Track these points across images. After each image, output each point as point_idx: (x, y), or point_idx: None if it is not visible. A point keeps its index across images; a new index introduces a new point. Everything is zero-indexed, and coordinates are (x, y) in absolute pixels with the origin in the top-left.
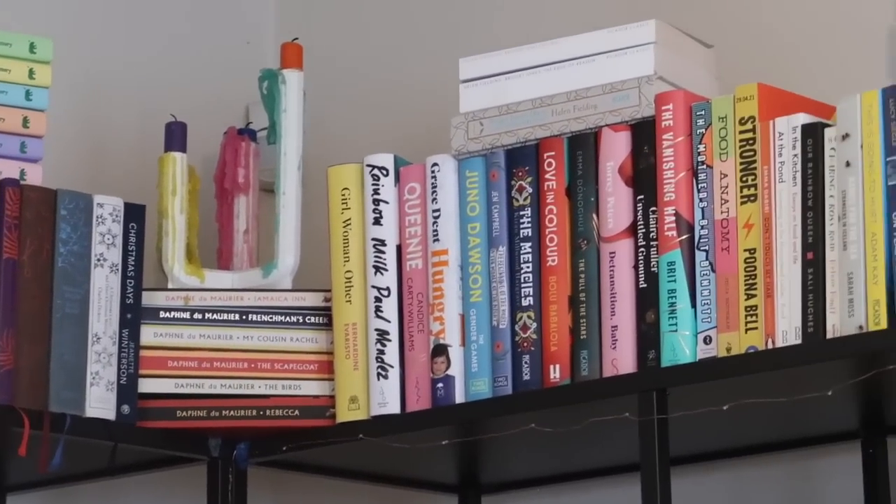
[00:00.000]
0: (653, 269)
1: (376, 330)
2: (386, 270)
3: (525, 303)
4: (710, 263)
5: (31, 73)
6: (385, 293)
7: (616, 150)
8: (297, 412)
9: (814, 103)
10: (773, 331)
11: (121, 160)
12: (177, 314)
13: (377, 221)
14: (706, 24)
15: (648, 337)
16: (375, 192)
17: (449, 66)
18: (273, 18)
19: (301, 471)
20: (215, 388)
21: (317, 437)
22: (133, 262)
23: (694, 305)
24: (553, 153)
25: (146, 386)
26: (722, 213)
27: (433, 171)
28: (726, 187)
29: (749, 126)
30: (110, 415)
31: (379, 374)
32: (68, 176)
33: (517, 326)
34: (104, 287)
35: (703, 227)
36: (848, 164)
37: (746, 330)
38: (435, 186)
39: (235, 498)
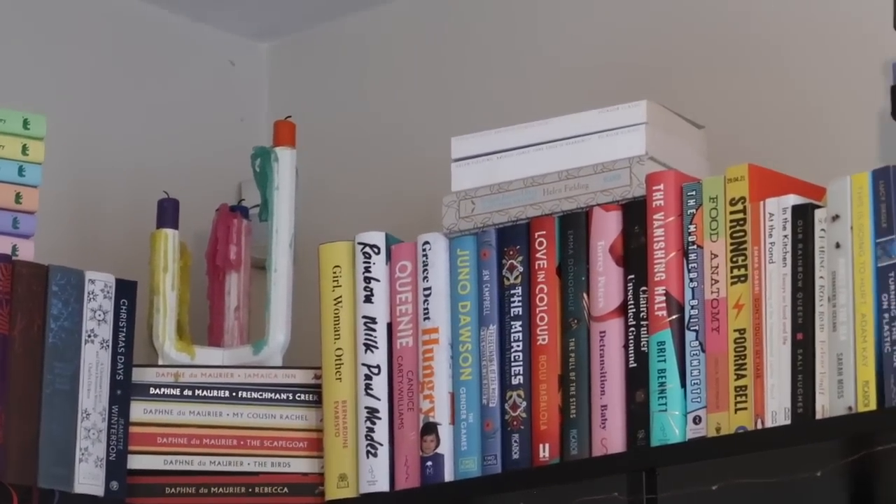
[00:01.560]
0: (643, 349)
1: (366, 408)
2: (376, 348)
3: (515, 381)
4: (700, 343)
5: (24, 149)
6: (375, 371)
7: (607, 230)
8: (286, 489)
9: (804, 184)
10: (763, 411)
11: (113, 236)
12: (167, 391)
13: (368, 299)
14: (697, 104)
15: (638, 416)
16: (367, 269)
17: (441, 145)
18: (266, 96)
19: None
20: (204, 465)
21: None
22: (124, 339)
23: (684, 385)
24: (544, 232)
25: (135, 462)
26: (712, 293)
27: (424, 250)
28: (717, 267)
29: (739, 207)
30: (99, 491)
31: (368, 451)
32: (60, 251)
33: (507, 405)
34: (94, 363)
35: (693, 308)
36: (838, 245)
37: (736, 410)
38: (426, 265)
39: None
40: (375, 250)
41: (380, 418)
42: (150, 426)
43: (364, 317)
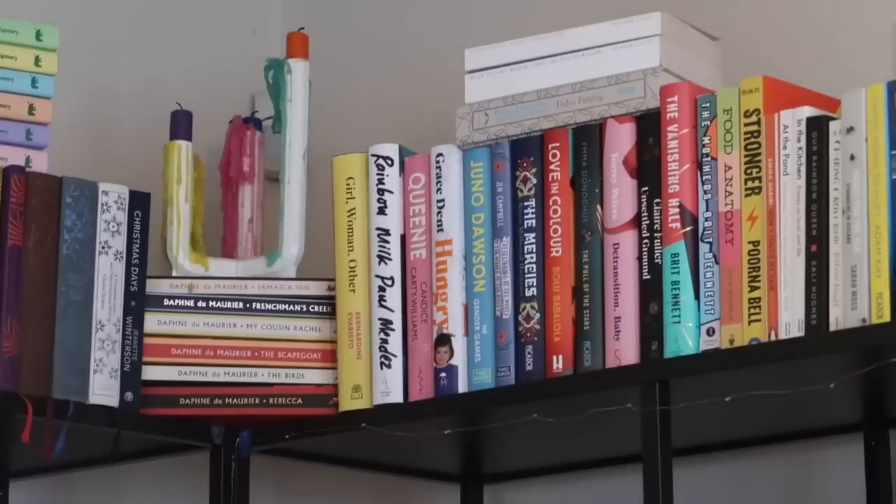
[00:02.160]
0: (656, 261)
1: (380, 319)
2: (390, 260)
3: (529, 293)
4: (714, 255)
5: (37, 60)
6: (389, 283)
7: (621, 142)
8: (300, 401)
9: (819, 96)
10: (777, 323)
11: (126, 148)
12: (181, 302)
13: (381, 211)
14: (711, 16)
15: (652, 328)
16: (380, 181)
17: (454, 57)
18: (279, 8)
19: (304, 459)
20: (219, 377)
21: (320, 425)
22: (138, 250)
23: (697, 297)
24: (558, 144)
25: (150, 373)
26: (726, 205)
27: (438, 162)
28: (731, 180)
29: (754, 119)
30: (114, 402)
31: (382, 363)
32: (73, 163)
33: (520, 317)
34: (108, 275)
35: (707, 220)
36: (852, 157)
37: (750, 322)
38: (440, 177)
39: (238, 486)
40: (389, 162)
41: (393, 330)
42: (164, 337)
43: (377, 228)
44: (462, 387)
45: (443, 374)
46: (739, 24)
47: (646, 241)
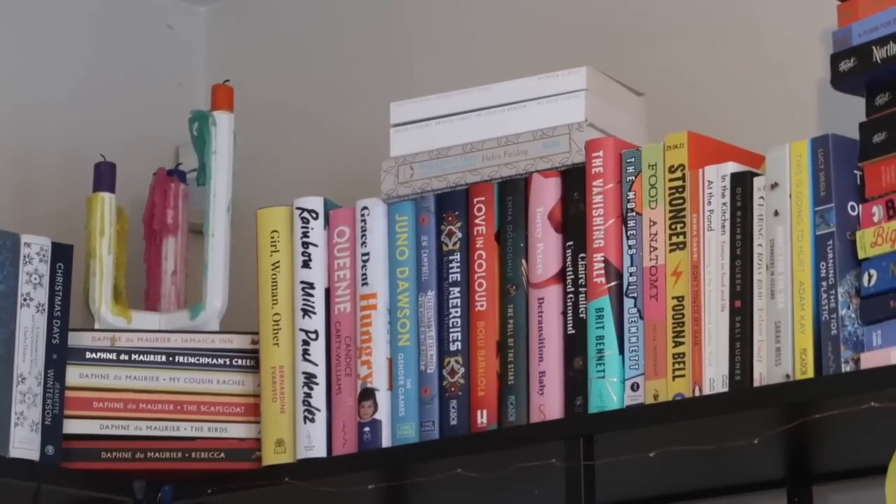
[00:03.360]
0: (581, 316)
1: (304, 373)
2: (314, 314)
3: (453, 347)
4: (639, 310)
5: None
6: (313, 336)
7: (546, 196)
8: (223, 455)
9: (743, 152)
10: (701, 378)
11: (49, 199)
12: (103, 355)
13: (306, 264)
14: (637, 72)
15: (576, 383)
16: (304, 234)
17: (380, 110)
18: (204, 60)
19: None
20: (141, 430)
21: (243, 480)
22: (60, 302)
23: (622, 352)
24: (483, 198)
25: (71, 427)
26: (651, 260)
27: (363, 215)
28: (655, 234)
29: (679, 174)
30: (34, 455)
31: (306, 417)
32: None
33: (445, 371)
34: (30, 327)
35: (631, 275)
36: (776, 213)
37: (674, 377)
38: (364, 230)
39: None
40: (314, 215)
41: (317, 384)
42: (86, 390)
43: (302, 282)
44: (386, 441)
45: (367, 429)
46: (664, 80)
47: (570, 295)
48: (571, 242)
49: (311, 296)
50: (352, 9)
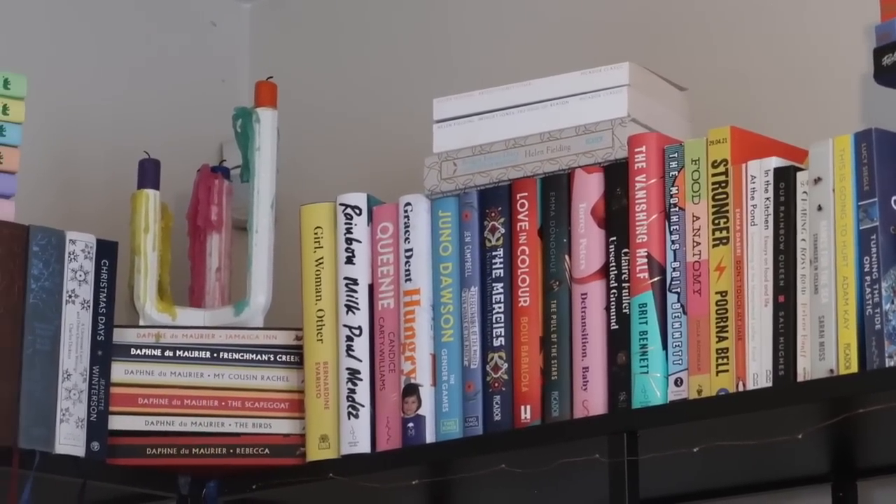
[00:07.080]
0: (624, 311)
1: (347, 369)
2: (358, 309)
3: (496, 343)
4: (682, 305)
5: (4, 108)
6: (357, 332)
7: (589, 192)
8: (267, 450)
9: (786, 147)
10: (744, 373)
11: (94, 197)
12: (148, 351)
13: (349, 260)
14: (680, 67)
15: (619, 378)
16: (348, 231)
17: (423, 106)
18: (248, 57)
19: None
20: (185, 426)
21: (286, 475)
22: (105, 299)
23: (665, 347)
24: (526, 194)
25: (116, 423)
26: (694, 255)
27: (406, 211)
28: (698, 230)
29: (721, 169)
30: (80, 451)
31: (350, 413)
32: (41, 212)
33: (488, 367)
34: (75, 324)
35: (674, 270)
36: (820, 207)
37: (717, 372)
38: (408, 226)
39: None
40: (357, 211)
41: (361, 380)
42: (131, 387)
43: (345, 278)
44: (430, 437)
45: (410, 424)
46: (707, 75)
47: (614, 291)
48: (614, 238)
49: (355, 292)
50: (394, 5)
